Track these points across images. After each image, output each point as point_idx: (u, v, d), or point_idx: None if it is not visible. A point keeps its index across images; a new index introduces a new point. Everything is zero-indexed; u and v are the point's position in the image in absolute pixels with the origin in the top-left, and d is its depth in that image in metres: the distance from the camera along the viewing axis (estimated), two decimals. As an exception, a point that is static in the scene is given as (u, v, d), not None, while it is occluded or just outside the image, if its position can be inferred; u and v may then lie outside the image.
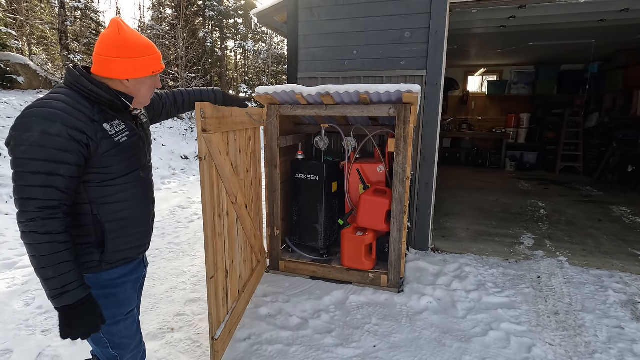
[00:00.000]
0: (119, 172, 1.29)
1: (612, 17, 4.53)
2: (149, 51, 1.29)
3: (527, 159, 8.81)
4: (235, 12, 16.34)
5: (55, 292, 1.13)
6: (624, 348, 2.26)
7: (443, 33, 3.32)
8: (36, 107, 1.12)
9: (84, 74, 1.22)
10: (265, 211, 3.18)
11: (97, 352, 1.43)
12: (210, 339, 2.01)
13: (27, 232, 1.10)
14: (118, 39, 1.22)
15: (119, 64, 1.23)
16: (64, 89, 1.21)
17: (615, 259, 3.54)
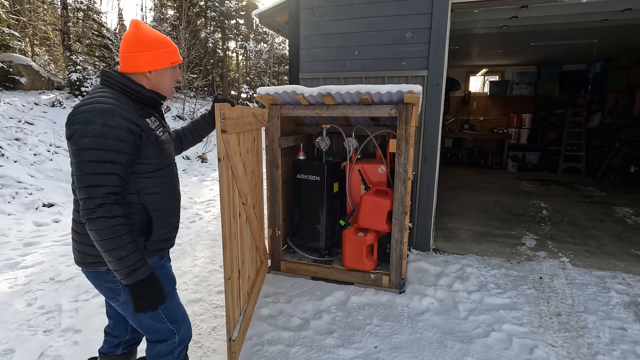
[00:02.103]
0: (159, 164, 1.41)
1: (615, 17, 4.51)
2: (166, 44, 1.42)
3: (529, 159, 8.78)
4: (237, 12, 16.37)
5: (129, 270, 1.23)
6: (627, 349, 2.24)
7: (444, 33, 3.31)
8: (92, 103, 1.21)
9: (123, 75, 1.35)
10: (267, 212, 3.18)
11: (156, 329, 1.48)
12: (228, 340, 2.00)
13: (95, 218, 1.18)
14: (137, 34, 1.36)
15: (140, 58, 1.36)
16: (107, 89, 1.31)
17: (617, 259, 3.53)
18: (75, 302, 2.76)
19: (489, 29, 5.25)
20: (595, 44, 6.26)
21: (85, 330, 2.42)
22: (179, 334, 1.53)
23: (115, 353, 1.71)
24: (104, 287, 1.41)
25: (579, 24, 4.93)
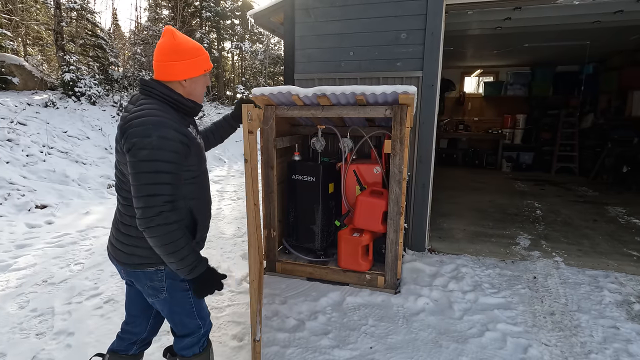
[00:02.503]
0: (198, 170, 1.49)
1: (607, 18, 4.56)
2: (200, 52, 1.46)
3: (523, 159, 8.85)
4: (232, 12, 16.33)
5: (190, 267, 1.36)
6: (619, 348, 2.27)
7: (439, 34, 3.33)
8: (145, 116, 1.28)
9: (163, 85, 1.40)
10: (262, 212, 3.17)
11: (186, 324, 1.56)
12: (252, 341, 2.00)
13: (154, 227, 1.26)
14: (174, 44, 1.39)
15: (177, 67, 1.40)
16: (150, 100, 1.37)
17: (610, 259, 3.56)
18: (68, 304, 2.74)
19: (483, 30, 5.29)
20: (588, 45, 6.33)
21: (79, 333, 2.39)
22: (204, 327, 1.63)
23: (128, 352, 1.71)
24: (148, 286, 1.47)
25: (571, 25, 4.98)
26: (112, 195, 5.79)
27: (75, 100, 8.40)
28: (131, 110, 1.33)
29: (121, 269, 1.52)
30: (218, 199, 6.04)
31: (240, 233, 4.33)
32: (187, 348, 1.60)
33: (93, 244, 3.89)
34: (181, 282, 1.50)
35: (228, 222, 4.79)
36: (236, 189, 6.83)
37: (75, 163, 6.29)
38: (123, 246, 1.43)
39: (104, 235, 4.16)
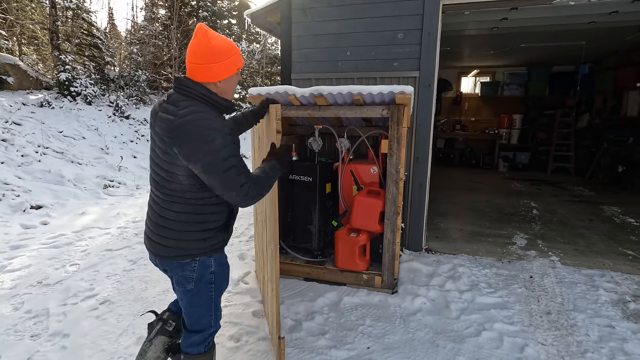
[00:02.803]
0: None
1: (602, 19, 4.58)
2: (233, 51, 1.46)
3: (519, 159, 8.89)
4: (229, 12, 16.29)
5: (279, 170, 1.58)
6: (615, 347, 2.28)
7: (436, 34, 3.33)
8: (197, 120, 1.33)
9: (201, 86, 1.42)
10: (259, 213, 3.16)
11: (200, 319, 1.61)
12: (277, 338, 2.05)
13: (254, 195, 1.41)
14: (210, 46, 1.39)
15: (214, 69, 1.41)
16: (192, 101, 1.40)
17: (606, 258, 3.58)
18: (63, 305, 2.72)
19: (480, 30, 5.30)
20: (584, 45, 6.36)
21: (74, 335, 2.38)
22: (214, 327, 1.67)
23: None
24: (179, 275, 1.54)
25: (567, 26, 5.00)
26: (108, 196, 5.76)
27: (71, 100, 8.35)
28: (175, 112, 1.36)
29: (152, 258, 1.59)
30: (215, 199, 6.03)
31: (237, 233, 4.31)
32: (194, 345, 1.63)
33: (89, 245, 3.86)
34: (209, 275, 1.56)
35: (225, 222, 4.77)
36: (233, 189, 6.81)
37: (71, 163, 6.25)
38: (162, 239, 1.49)
39: (99, 235, 4.14)
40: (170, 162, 1.40)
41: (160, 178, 1.46)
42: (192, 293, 1.55)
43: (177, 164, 1.38)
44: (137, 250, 3.75)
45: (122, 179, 6.51)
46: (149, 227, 1.57)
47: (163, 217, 1.49)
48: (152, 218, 1.54)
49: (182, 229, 1.46)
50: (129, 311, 2.66)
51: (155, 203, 1.53)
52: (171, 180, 1.43)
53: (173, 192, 1.44)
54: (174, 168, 1.40)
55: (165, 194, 1.46)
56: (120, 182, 6.39)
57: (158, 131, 1.41)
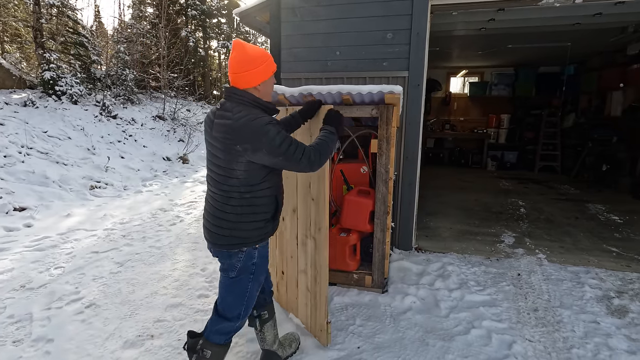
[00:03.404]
0: None
1: (587, 20, 4.67)
2: (267, 57, 1.69)
3: (507, 158, 9.01)
4: (219, 11, 16.16)
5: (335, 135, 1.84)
6: (600, 342, 2.32)
7: (424, 35, 3.35)
8: (255, 119, 1.56)
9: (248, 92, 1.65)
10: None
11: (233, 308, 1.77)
12: (326, 323, 2.22)
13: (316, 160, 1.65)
14: (247, 55, 1.63)
15: (253, 74, 1.64)
16: (244, 106, 1.62)
17: (591, 255, 3.65)
18: (47, 310, 2.65)
19: (468, 31, 5.35)
20: (569, 46, 6.48)
21: (58, 340, 2.32)
22: (241, 320, 1.81)
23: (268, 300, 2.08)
24: (228, 263, 1.72)
25: (553, 27, 5.09)
26: (95, 197, 5.65)
27: (56, 100, 8.17)
28: (231, 117, 1.58)
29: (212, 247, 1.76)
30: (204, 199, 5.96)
31: (227, 234, 4.28)
32: (218, 333, 1.77)
33: (74, 247, 3.78)
34: (251, 266, 1.75)
35: (215, 223, 4.72)
36: (223, 189, 6.75)
37: (56, 164, 6.11)
38: (219, 229, 1.68)
39: (85, 238, 4.06)
40: (231, 160, 1.60)
41: (219, 176, 1.66)
42: (233, 281, 1.74)
43: (238, 160, 1.60)
44: (125, 253, 3.69)
45: (109, 179, 6.40)
46: (207, 219, 1.75)
47: (221, 211, 1.68)
48: (211, 212, 1.73)
49: (237, 220, 1.67)
50: (116, 314, 2.61)
51: (213, 199, 1.72)
52: (230, 177, 1.63)
53: (231, 187, 1.64)
54: (233, 165, 1.61)
55: (223, 190, 1.66)
56: (107, 183, 6.28)
57: (217, 135, 1.62)
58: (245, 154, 1.57)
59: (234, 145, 1.57)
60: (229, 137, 1.57)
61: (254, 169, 1.63)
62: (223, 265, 1.75)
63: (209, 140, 1.69)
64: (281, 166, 1.65)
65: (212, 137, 1.65)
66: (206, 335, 1.78)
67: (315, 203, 2.25)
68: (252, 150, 1.56)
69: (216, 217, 1.69)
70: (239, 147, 1.56)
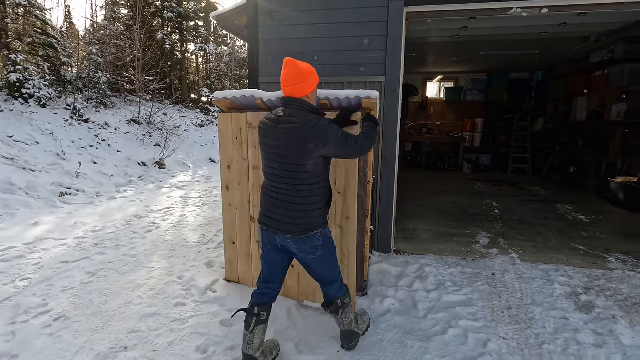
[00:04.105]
0: None
1: (553, 30, 4.91)
2: (313, 70, 2.01)
3: (482, 161, 9.30)
4: (196, 14, 15.94)
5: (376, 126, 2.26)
6: (569, 337, 2.42)
7: (400, 41, 3.42)
8: (321, 121, 1.90)
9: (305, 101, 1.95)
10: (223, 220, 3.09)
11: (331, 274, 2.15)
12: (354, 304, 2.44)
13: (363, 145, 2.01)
14: (299, 69, 1.93)
15: (305, 85, 1.94)
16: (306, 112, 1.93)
17: (560, 253, 3.81)
18: (12, 324, 2.51)
19: (443, 37, 5.52)
20: (537, 54, 6.78)
21: (24, 355, 2.20)
22: (340, 275, 2.21)
23: (272, 302, 2.19)
24: (309, 246, 1.99)
25: (522, 35, 5.32)
26: (65, 204, 5.42)
27: (23, 103, 7.81)
28: (298, 121, 1.87)
29: (282, 238, 1.99)
30: (182, 205, 5.83)
31: (205, 240, 4.20)
32: (337, 290, 2.17)
33: (42, 257, 3.61)
34: (329, 239, 2.08)
35: (192, 229, 4.63)
36: (201, 194, 6.63)
37: (23, 170, 5.83)
38: (293, 220, 1.95)
39: (54, 247, 3.88)
40: (303, 157, 1.88)
41: (289, 172, 1.92)
42: (323, 256, 2.04)
43: (310, 156, 1.88)
44: (97, 262, 3.55)
45: (80, 186, 6.16)
46: (276, 213, 1.98)
47: (293, 203, 1.94)
48: (280, 206, 1.97)
49: (306, 209, 1.95)
50: (87, 327, 2.51)
51: (280, 194, 1.97)
52: (301, 172, 1.90)
53: (302, 180, 1.92)
54: (305, 161, 1.88)
55: (294, 184, 1.93)
56: (78, 190, 6.04)
57: (287, 138, 1.88)
58: (317, 149, 1.87)
59: (307, 144, 1.85)
60: (302, 138, 1.85)
61: (319, 163, 1.93)
62: (304, 249, 2.00)
63: (272, 144, 1.94)
64: (341, 155, 2.01)
65: (278, 140, 1.91)
66: (334, 296, 2.17)
67: (342, 196, 2.56)
68: (322, 146, 1.87)
69: (288, 209, 1.95)
70: (311, 145, 1.85)
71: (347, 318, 2.22)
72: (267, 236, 2.05)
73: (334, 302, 2.17)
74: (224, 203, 3.07)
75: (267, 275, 2.15)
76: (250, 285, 3.08)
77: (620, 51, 5.91)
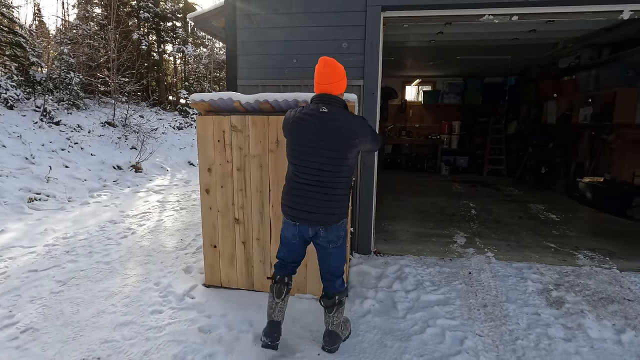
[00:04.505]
0: None
1: (523, 36, 5.11)
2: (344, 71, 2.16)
3: (459, 163, 9.54)
4: (174, 14, 15.65)
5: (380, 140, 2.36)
6: (541, 332, 2.51)
7: (378, 45, 3.47)
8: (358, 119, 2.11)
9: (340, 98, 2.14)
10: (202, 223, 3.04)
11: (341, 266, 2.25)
12: None
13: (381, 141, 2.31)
14: (338, 68, 2.10)
15: (342, 84, 2.13)
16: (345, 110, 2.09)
17: (532, 251, 3.95)
18: (-26, 338, 2.38)
19: (420, 42, 5.64)
20: (509, 59, 7.04)
21: (-13, 370, 2.09)
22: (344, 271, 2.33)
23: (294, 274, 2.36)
24: (336, 235, 2.14)
25: (495, 41, 5.51)
26: (34, 210, 5.19)
27: (-12, 104, 7.43)
28: (341, 119, 2.02)
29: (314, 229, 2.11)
30: (159, 209, 5.69)
31: (183, 245, 4.11)
32: (340, 285, 2.27)
33: (8, 267, 3.44)
34: (346, 232, 2.25)
35: (170, 234, 4.52)
36: (179, 198, 6.49)
37: (-13, 175, 5.54)
38: (330, 210, 2.07)
39: (22, 255, 3.70)
40: (346, 151, 2.02)
41: (331, 166, 2.03)
42: (342, 247, 2.21)
43: (352, 151, 2.04)
44: (68, 270, 3.41)
45: (50, 191, 5.91)
46: (313, 206, 2.06)
47: (331, 195, 2.07)
48: (320, 198, 2.06)
49: (341, 200, 2.10)
50: (57, 338, 2.40)
51: (319, 187, 2.05)
52: (343, 165, 2.04)
53: (340, 174, 2.06)
54: (348, 155, 2.03)
55: (334, 176, 2.05)
56: (48, 195, 5.79)
57: (331, 133, 2.00)
58: (360, 144, 2.05)
59: (351, 139, 2.01)
60: (346, 133, 2.00)
61: (356, 157, 2.12)
62: (332, 238, 2.12)
63: (317, 139, 2.01)
64: (373, 149, 2.29)
65: (325, 134, 2.00)
66: (337, 290, 2.25)
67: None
68: (364, 140, 2.06)
69: (327, 201, 2.06)
70: (356, 140, 2.02)
71: (338, 318, 2.25)
72: (300, 230, 2.13)
73: (333, 298, 2.23)
74: (203, 207, 3.02)
75: (292, 258, 2.30)
76: (235, 287, 3.04)
77: (586, 57, 6.21)
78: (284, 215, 2.19)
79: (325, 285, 2.28)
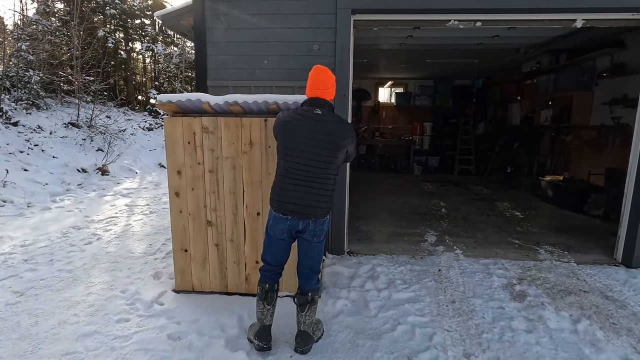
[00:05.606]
0: None
1: (488, 41, 5.34)
2: None
3: (431, 163, 9.80)
4: (142, 12, 15.15)
5: None
6: (505, 325, 2.62)
7: (348, 47, 3.51)
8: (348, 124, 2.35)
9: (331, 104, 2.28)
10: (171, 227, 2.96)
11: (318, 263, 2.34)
12: None
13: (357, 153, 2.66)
14: (331, 76, 2.27)
15: (333, 90, 2.32)
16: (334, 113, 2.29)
17: (498, 248, 4.12)
18: None
19: (391, 45, 5.76)
20: (476, 63, 7.32)
21: None
22: None
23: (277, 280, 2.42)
24: (320, 229, 2.24)
25: (461, 45, 5.71)
26: (-11, 217, 4.86)
27: None
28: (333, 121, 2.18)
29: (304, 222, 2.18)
30: (127, 214, 5.49)
31: (153, 250, 3.98)
32: (316, 283, 2.35)
33: (-42, 278, 3.21)
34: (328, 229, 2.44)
35: (138, 239, 4.37)
36: (148, 202, 6.28)
37: None
38: (321, 204, 2.19)
39: (-26, 265, 3.46)
40: (337, 151, 2.17)
41: (323, 164, 2.16)
42: (322, 244, 2.31)
43: (341, 150, 2.20)
44: (26, 279, 3.22)
45: (7, 196, 5.56)
46: (306, 200, 2.16)
47: (322, 189, 2.19)
48: (312, 192, 2.16)
49: (331, 195, 2.25)
50: (12, 352, 2.27)
51: (312, 182, 2.16)
52: (333, 163, 2.19)
53: (331, 170, 2.21)
54: (338, 154, 2.19)
55: (326, 173, 2.19)
56: (5, 200, 5.45)
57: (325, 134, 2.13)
58: (348, 145, 2.22)
59: (342, 140, 2.17)
60: (338, 135, 2.16)
61: (343, 157, 2.26)
62: (316, 232, 2.22)
63: (312, 137, 2.12)
64: (353, 153, 2.35)
65: (319, 134, 2.13)
66: (312, 288, 2.31)
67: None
68: (351, 143, 2.24)
69: (317, 194, 2.18)
70: (345, 141, 2.19)
71: (310, 317, 2.30)
72: (290, 224, 2.19)
73: (307, 295, 2.28)
74: (172, 210, 2.94)
75: (278, 260, 2.35)
76: (208, 290, 2.98)
77: (546, 62, 6.55)
78: (274, 211, 2.22)
79: (302, 283, 2.33)
